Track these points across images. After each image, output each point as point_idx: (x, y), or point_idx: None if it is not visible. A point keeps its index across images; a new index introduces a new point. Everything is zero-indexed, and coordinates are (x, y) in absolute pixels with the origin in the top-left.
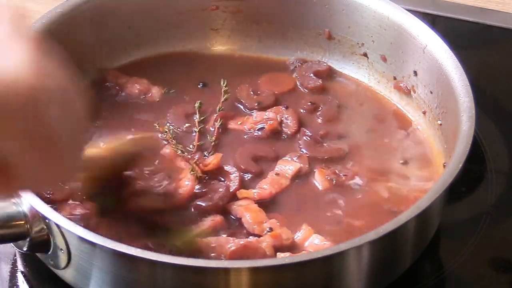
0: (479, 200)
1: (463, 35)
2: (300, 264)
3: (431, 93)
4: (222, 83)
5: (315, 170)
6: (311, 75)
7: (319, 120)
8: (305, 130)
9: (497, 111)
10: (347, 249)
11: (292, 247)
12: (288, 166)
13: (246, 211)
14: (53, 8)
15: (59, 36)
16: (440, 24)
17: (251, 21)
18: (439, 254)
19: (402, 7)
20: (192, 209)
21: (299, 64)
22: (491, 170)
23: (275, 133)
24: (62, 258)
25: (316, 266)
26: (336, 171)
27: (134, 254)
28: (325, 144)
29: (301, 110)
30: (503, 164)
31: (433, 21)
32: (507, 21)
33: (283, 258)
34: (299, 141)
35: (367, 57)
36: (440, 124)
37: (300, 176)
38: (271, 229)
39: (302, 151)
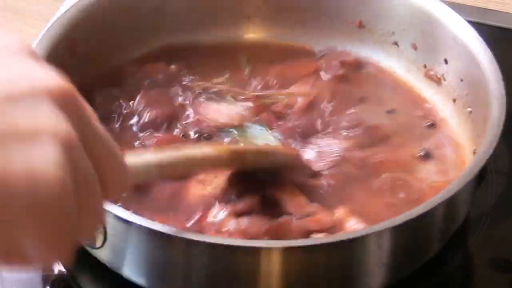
0: (479, 200)
1: None
2: (334, 245)
3: (462, 80)
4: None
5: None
6: (337, 63)
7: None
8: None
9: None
10: (375, 231)
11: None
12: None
13: (287, 193)
14: None
15: (90, 23)
16: None
17: (283, 9)
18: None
19: None
20: None
21: (327, 52)
22: (491, 170)
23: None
24: (98, 237)
25: (342, 248)
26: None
27: (170, 232)
28: (347, 133)
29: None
30: (503, 164)
31: None
32: (507, 21)
33: (311, 240)
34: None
35: (398, 46)
36: (470, 112)
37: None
38: (312, 213)
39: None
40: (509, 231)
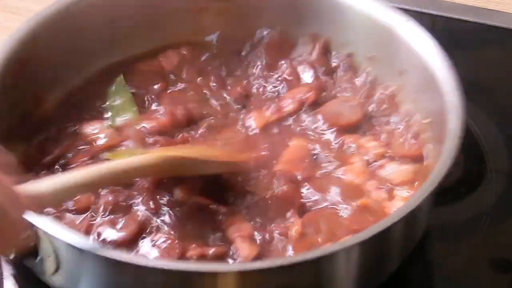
0: (479, 200)
1: (463, 35)
2: (289, 267)
3: (419, 92)
4: None
5: None
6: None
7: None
8: None
9: (497, 111)
10: (337, 250)
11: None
12: None
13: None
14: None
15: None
16: (440, 24)
17: (239, 22)
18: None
19: (402, 7)
20: None
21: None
22: (491, 170)
23: None
24: (50, 265)
25: (305, 268)
26: None
27: (122, 259)
28: None
29: None
30: (503, 164)
31: (433, 21)
32: (507, 21)
33: (271, 260)
34: None
35: (353, 57)
36: (428, 123)
37: None
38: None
39: None
40: (509, 231)
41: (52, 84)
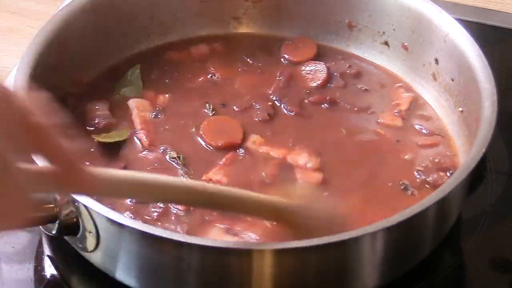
0: (479, 200)
1: None
2: (320, 248)
3: (452, 80)
4: None
5: None
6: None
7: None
8: None
9: (498, 111)
10: (364, 234)
11: None
12: None
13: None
14: None
15: (82, 24)
16: None
17: (273, 11)
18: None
19: None
20: None
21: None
22: (491, 170)
23: None
24: (91, 241)
25: (333, 251)
26: None
27: (162, 235)
28: None
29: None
30: (503, 164)
31: None
32: (507, 21)
33: (306, 241)
34: None
35: (388, 46)
36: (461, 111)
37: None
38: None
39: None
40: (509, 231)
41: (87, 67)
